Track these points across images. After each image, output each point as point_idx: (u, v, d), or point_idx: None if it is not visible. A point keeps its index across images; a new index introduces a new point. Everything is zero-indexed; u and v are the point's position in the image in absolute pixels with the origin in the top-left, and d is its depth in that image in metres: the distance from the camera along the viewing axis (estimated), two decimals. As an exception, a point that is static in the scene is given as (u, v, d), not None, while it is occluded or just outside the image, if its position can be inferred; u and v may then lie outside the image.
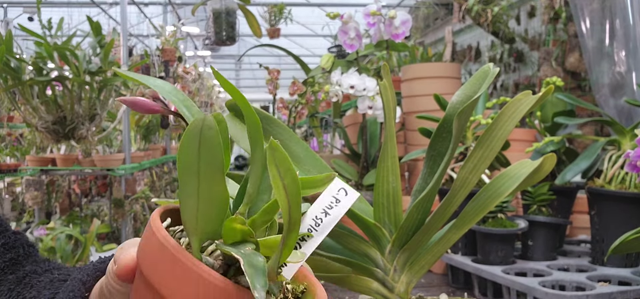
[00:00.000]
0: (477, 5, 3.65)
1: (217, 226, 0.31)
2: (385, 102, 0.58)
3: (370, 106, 1.49)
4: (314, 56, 8.81)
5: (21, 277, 0.47)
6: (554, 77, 1.23)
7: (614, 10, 1.83)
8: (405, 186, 1.70)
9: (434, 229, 0.56)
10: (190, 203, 0.29)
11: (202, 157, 0.28)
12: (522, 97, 0.51)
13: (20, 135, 3.48)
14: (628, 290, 0.92)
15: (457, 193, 0.54)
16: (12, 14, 6.28)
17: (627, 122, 1.72)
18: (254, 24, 2.64)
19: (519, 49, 4.46)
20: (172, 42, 3.73)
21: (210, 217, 0.30)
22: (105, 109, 1.96)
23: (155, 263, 0.30)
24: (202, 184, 0.29)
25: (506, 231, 1.08)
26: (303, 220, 0.36)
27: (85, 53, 1.83)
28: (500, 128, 0.51)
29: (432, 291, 1.16)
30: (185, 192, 0.29)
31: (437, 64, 1.96)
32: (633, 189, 1.03)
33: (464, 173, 0.53)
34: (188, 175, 0.29)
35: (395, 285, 0.58)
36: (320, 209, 0.36)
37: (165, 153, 3.92)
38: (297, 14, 5.88)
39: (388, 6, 3.18)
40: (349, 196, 0.37)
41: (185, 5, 6.86)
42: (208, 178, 0.29)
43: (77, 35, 2.16)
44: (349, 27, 1.55)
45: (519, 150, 1.34)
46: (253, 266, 0.28)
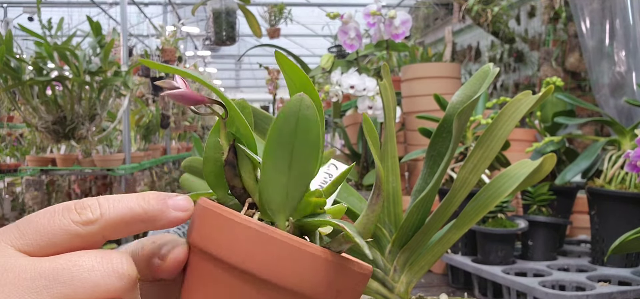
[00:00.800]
0: (477, 5, 3.65)
1: (298, 202, 0.32)
2: (385, 102, 0.58)
3: (370, 106, 1.49)
4: (314, 56, 8.81)
5: None
6: (554, 77, 1.23)
7: (614, 10, 1.83)
8: (405, 186, 1.70)
9: (434, 229, 0.56)
10: (280, 180, 0.30)
11: (299, 134, 0.29)
12: (522, 97, 0.51)
13: (20, 135, 3.49)
14: (628, 290, 0.92)
15: (457, 193, 0.54)
16: (12, 14, 6.28)
17: (627, 122, 1.72)
18: (254, 24, 2.65)
19: (519, 49, 4.47)
20: (172, 42, 3.73)
21: (299, 193, 0.31)
22: (105, 109, 1.96)
23: (238, 247, 0.30)
24: (295, 161, 0.30)
25: (506, 231, 1.08)
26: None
27: (85, 53, 1.83)
28: (500, 128, 0.51)
29: (432, 291, 1.16)
30: (273, 168, 0.30)
31: (437, 64, 1.96)
32: (633, 189, 1.03)
33: (464, 173, 0.53)
34: (279, 151, 0.30)
35: (395, 285, 0.58)
36: (317, 185, 0.37)
37: (165, 153, 3.93)
38: (297, 14, 5.89)
39: (388, 6, 3.18)
40: (339, 169, 0.39)
41: (185, 5, 6.87)
42: (304, 152, 0.30)
43: (77, 35, 2.16)
44: (349, 27, 1.55)
45: (519, 150, 1.34)
46: (351, 229, 0.29)
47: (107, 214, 0.29)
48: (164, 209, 0.31)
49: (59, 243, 0.29)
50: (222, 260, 0.30)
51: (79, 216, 0.29)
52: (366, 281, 0.33)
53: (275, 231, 0.29)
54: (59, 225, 0.29)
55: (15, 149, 3.29)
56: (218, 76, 10.62)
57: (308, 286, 0.29)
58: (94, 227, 0.29)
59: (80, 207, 0.29)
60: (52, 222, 0.29)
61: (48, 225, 0.29)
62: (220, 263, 0.30)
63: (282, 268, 0.29)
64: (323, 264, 0.30)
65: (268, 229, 0.29)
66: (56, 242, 0.28)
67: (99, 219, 0.29)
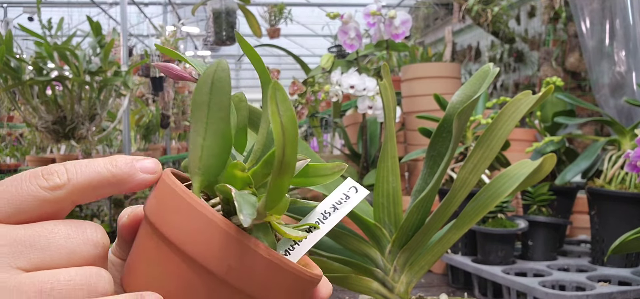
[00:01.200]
0: (477, 5, 3.65)
1: (220, 168, 0.32)
2: (385, 102, 0.58)
3: (370, 106, 1.49)
4: (314, 56, 8.81)
5: None
6: (554, 77, 1.23)
7: (614, 10, 1.83)
8: (405, 186, 1.70)
9: (434, 229, 0.56)
10: (197, 141, 0.31)
11: (214, 94, 0.30)
12: (522, 97, 0.51)
13: (20, 135, 3.49)
14: (628, 290, 0.92)
15: (457, 193, 0.54)
16: (12, 14, 6.28)
17: (627, 122, 1.72)
18: (254, 24, 2.65)
19: (519, 49, 4.47)
20: (172, 42, 3.73)
21: (214, 153, 0.31)
22: (105, 109, 1.96)
23: (164, 209, 0.30)
24: (210, 121, 0.30)
25: (506, 231, 1.08)
26: (312, 214, 0.36)
27: (85, 53, 1.83)
28: (500, 128, 0.51)
29: (432, 291, 1.16)
30: (194, 131, 0.31)
31: (437, 64, 1.96)
32: (633, 189, 1.03)
33: (464, 173, 0.53)
34: (199, 113, 0.30)
35: (395, 285, 0.58)
36: (330, 204, 0.37)
37: (165, 153, 3.92)
38: (297, 14, 5.89)
39: (388, 6, 3.18)
40: (359, 192, 0.38)
41: (185, 5, 6.87)
42: (216, 115, 0.30)
43: (77, 35, 2.16)
44: (349, 27, 1.55)
45: (519, 150, 1.34)
46: (243, 197, 0.28)
47: (74, 178, 0.29)
48: (131, 171, 0.31)
49: (28, 210, 0.29)
50: (145, 215, 0.31)
51: (46, 182, 0.29)
52: (300, 281, 0.31)
53: (180, 186, 0.30)
54: (27, 191, 0.28)
55: (15, 149, 3.29)
56: (218, 76, 10.61)
57: (199, 250, 0.29)
58: (61, 192, 0.29)
59: (48, 172, 0.29)
60: (20, 189, 0.29)
61: (16, 192, 0.28)
62: (149, 223, 0.31)
63: (181, 227, 0.29)
64: (217, 232, 0.29)
65: (176, 184, 0.30)
66: (24, 209, 0.28)
67: (66, 184, 0.29)
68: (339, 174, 0.36)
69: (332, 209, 0.36)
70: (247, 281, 0.29)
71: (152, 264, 0.31)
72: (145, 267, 0.31)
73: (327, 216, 0.36)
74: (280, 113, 0.28)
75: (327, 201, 0.37)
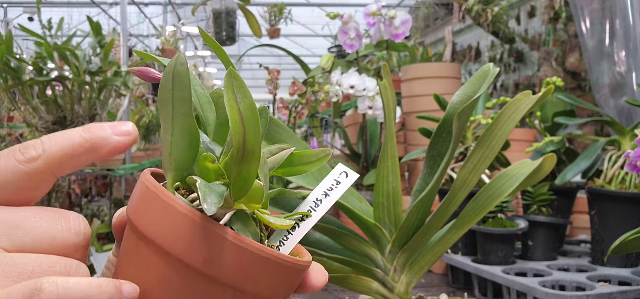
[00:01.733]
0: (477, 5, 3.65)
1: (190, 162, 0.32)
2: (385, 102, 0.58)
3: (370, 106, 1.49)
4: (314, 56, 8.81)
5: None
6: (554, 77, 1.23)
7: (614, 10, 1.83)
8: (405, 186, 1.70)
9: (434, 229, 0.56)
10: (166, 138, 0.31)
11: (175, 90, 0.30)
12: (522, 97, 0.51)
13: (20, 135, 3.48)
14: (628, 290, 0.92)
15: (457, 193, 0.54)
16: (12, 14, 6.28)
17: (627, 122, 1.72)
18: (254, 24, 2.64)
19: (519, 49, 4.47)
20: (172, 42, 3.73)
21: (182, 147, 0.31)
22: (105, 109, 1.96)
23: (140, 206, 0.31)
24: (175, 116, 0.30)
25: (506, 231, 1.08)
26: (304, 203, 0.36)
27: (85, 53, 1.83)
28: (500, 128, 0.51)
29: (432, 291, 1.16)
30: (163, 129, 0.31)
31: (437, 64, 1.96)
32: (633, 189, 1.03)
33: (464, 173, 0.53)
34: (165, 110, 0.30)
35: (395, 285, 0.58)
36: (322, 191, 0.37)
37: (165, 153, 3.92)
38: (297, 14, 5.89)
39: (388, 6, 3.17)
40: (349, 177, 0.38)
41: (185, 5, 6.87)
42: (179, 110, 0.30)
43: (77, 35, 2.16)
44: (349, 27, 1.55)
45: (519, 150, 1.34)
46: (209, 187, 0.28)
47: (49, 149, 0.30)
48: (105, 135, 0.31)
49: (7, 186, 0.29)
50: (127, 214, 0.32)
51: (22, 155, 0.29)
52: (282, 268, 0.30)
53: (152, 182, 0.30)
54: (4, 166, 0.29)
55: (15, 149, 3.29)
56: (218, 76, 10.62)
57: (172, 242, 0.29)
58: (38, 163, 0.29)
59: (24, 147, 0.30)
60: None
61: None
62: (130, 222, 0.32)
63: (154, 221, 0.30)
64: (187, 223, 0.29)
65: (149, 180, 0.30)
66: (3, 185, 0.29)
67: (41, 155, 0.29)
68: (325, 160, 0.37)
69: (323, 196, 0.36)
70: (222, 271, 0.29)
71: (132, 260, 0.31)
72: (127, 264, 0.31)
73: (319, 203, 0.36)
74: (237, 100, 0.28)
75: (319, 189, 0.37)
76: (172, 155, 0.31)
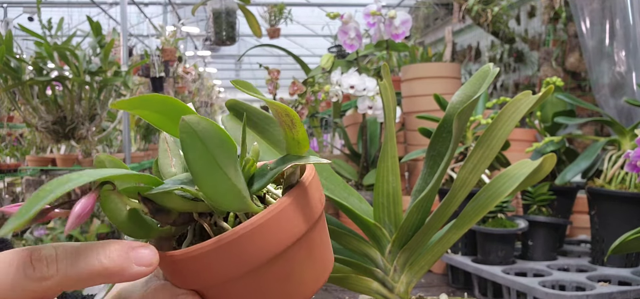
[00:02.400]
0: (477, 5, 3.65)
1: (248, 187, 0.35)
2: (385, 102, 0.58)
3: (370, 106, 1.49)
4: (314, 56, 8.81)
5: None
6: (554, 77, 1.23)
7: (614, 10, 1.83)
8: (405, 186, 1.70)
9: (434, 229, 0.56)
10: (225, 183, 0.33)
11: (209, 145, 0.30)
12: (522, 97, 0.51)
13: (20, 135, 3.48)
14: (628, 290, 0.92)
15: (457, 193, 0.54)
16: (12, 14, 6.28)
17: (627, 122, 1.72)
18: (254, 24, 2.64)
19: (519, 49, 4.47)
20: (172, 42, 3.73)
21: (244, 183, 0.34)
22: (105, 109, 1.96)
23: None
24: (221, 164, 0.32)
25: (506, 231, 1.08)
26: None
27: (85, 53, 1.83)
28: (500, 128, 0.51)
29: (432, 291, 1.16)
30: (217, 181, 0.32)
31: (437, 64, 1.96)
32: (633, 189, 1.03)
33: (464, 173, 0.53)
34: (211, 169, 0.31)
35: (395, 285, 0.58)
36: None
37: (165, 153, 3.91)
38: (297, 14, 5.89)
39: (388, 6, 3.17)
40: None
41: (185, 5, 6.87)
42: (223, 155, 0.32)
43: (77, 35, 2.16)
44: (349, 27, 1.55)
45: (519, 150, 1.34)
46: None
47: (64, 271, 0.28)
48: (125, 265, 0.29)
49: (12, 297, 0.28)
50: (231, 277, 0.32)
51: (34, 272, 0.28)
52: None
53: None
54: (13, 282, 0.28)
55: (15, 149, 3.29)
56: (218, 76, 10.62)
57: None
58: (49, 283, 0.28)
59: (37, 258, 0.28)
60: (7, 279, 0.28)
61: (2, 281, 0.28)
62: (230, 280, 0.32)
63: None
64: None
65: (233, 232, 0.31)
66: (9, 296, 0.28)
67: (54, 276, 0.28)
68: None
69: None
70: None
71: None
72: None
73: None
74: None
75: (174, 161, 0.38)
76: (238, 193, 0.33)
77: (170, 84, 3.78)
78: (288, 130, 0.34)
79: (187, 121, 0.28)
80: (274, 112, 0.34)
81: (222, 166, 0.30)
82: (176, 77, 4.07)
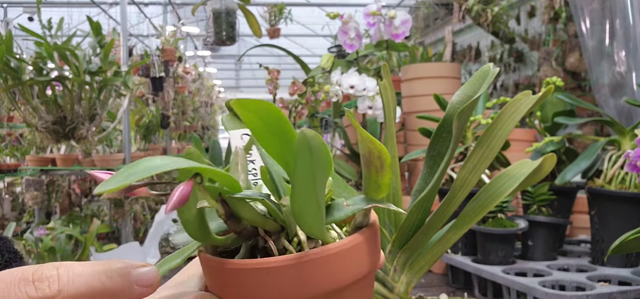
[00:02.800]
0: (477, 5, 3.65)
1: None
2: (385, 102, 0.58)
3: (370, 106, 1.49)
4: (314, 56, 8.82)
5: None
6: (554, 77, 1.23)
7: (614, 10, 1.83)
8: (405, 186, 1.70)
9: (433, 230, 0.56)
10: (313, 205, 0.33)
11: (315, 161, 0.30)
12: (522, 97, 0.51)
13: (20, 135, 3.48)
14: (628, 290, 0.92)
15: (457, 193, 0.54)
16: (12, 14, 6.28)
17: (627, 122, 1.72)
18: (254, 24, 2.64)
19: (519, 49, 4.47)
20: (172, 42, 3.73)
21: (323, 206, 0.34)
22: (105, 109, 1.96)
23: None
24: (318, 184, 0.32)
25: (506, 231, 1.08)
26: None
27: (85, 53, 1.83)
28: (500, 128, 0.51)
29: (432, 291, 1.16)
30: (308, 198, 0.32)
31: (437, 64, 1.96)
32: (633, 189, 1.03)
33: (464, 173, 0.53)
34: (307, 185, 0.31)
35: (395, 285, 0.58)
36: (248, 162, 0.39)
37: (165, 153, 3.92)
38: (297, 14, 5.89)
39: (388, 6, 3.16)
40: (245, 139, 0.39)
41: (185, 5, 6.87)
42: (322, 175, 0.31)
43: (77, 35, 2.16)
44: (349, 27, 1.55)
45: (519, 150, 1.34)
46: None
47: (65, 290, 0.28)
48: (125, 286, 0.29)
49: None
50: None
51: (35, 292, 0.28)
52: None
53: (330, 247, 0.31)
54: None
55: (15, 149, 3.29)
56: (218, 76, 10.62)
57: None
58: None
59: (38, 278, 0.28)
60: (7, 296, 0.28)
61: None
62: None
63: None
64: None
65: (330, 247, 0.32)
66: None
67: (56, 296, 0.28)
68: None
69: (252, 163, 0.38)
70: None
71: None
72: None
73: (256, 171, 0.38)
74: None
75: (240, 169, 0.37)
76: (320, 216, 0.33)
77: (170, 84, 3.78)
78: (374, 172, 0.33)
79: (304, 134, 0.29)
80: (366, 149, 0.33)
81: (317, 187, 0.30)
82: (176, 77, 4.07)
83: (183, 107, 4.43)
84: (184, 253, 0.37)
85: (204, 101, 5.80)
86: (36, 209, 2.92)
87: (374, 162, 0.33)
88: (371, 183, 0.34)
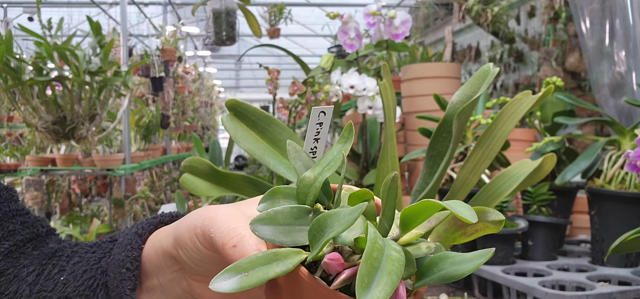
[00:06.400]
0: (477, 5, 3.65)
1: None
2: (385, 102, 0.58)
3: (370, 106, 1.49)
4: (314, 56, 8.82)
5: (49, 254, 0.46)
6: (554, 77, 1.23)
7: (614, 10, 1.83)
8: (405, 186, 1.70)
9: (434, 229, 0.56)
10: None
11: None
12: (522, 97, 0.51)
13: (20, 135, 3.48)
14: (628, 290, 0.92)
15: (457, 193, 0.54)
16: (12, 14, 6.28)
17: (627, 122, 1.72)
18: (254, 24, 2.64)
19: (519, 49, 4.46)
20: (172, 42, 3.73)
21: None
22: (105, 109, 1.96)
23: None
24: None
25: (506, 231, 1.08)
26: (301, 154, 0.37)
27: (85, 53, 1.83)
28: (500, 128, 0.51)
29: (432, 291, 1.16)
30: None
31: (437, 64, 1.96)
32: (633, 189, 1.03)
33: (464, 173, 0.53)
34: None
35: (395, 285, 0.58)
36: (312, 139, 0.38)
37: (165, 153, 3.92)
38: (297, 14, 5.89)
39: (388, 6, 3.16)
40: (327, 113, 0.39)
41: (185, 5, 6.87)
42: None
43: (77, 35, 2.16)
44: (349, 27, 1.55)
45: (519, 150, 1.34)
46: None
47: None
48: None
49: None
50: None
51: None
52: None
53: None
54: None
55: (15, 149, 3.29)
56: (218, 76, 10.62)
57: None
58: None
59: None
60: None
61: None
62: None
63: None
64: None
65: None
66: None
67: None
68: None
69: (315, 143, 0.38)
70: None
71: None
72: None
73: (315, 150, 0.38)
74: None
75: (309, 136, 0.37)
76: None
77: (170, 84, 3.78)
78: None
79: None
80: None
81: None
82: (176, 77, 4.07)
83: (183, 107, 4.43)
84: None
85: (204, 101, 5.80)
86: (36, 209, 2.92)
87: None
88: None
